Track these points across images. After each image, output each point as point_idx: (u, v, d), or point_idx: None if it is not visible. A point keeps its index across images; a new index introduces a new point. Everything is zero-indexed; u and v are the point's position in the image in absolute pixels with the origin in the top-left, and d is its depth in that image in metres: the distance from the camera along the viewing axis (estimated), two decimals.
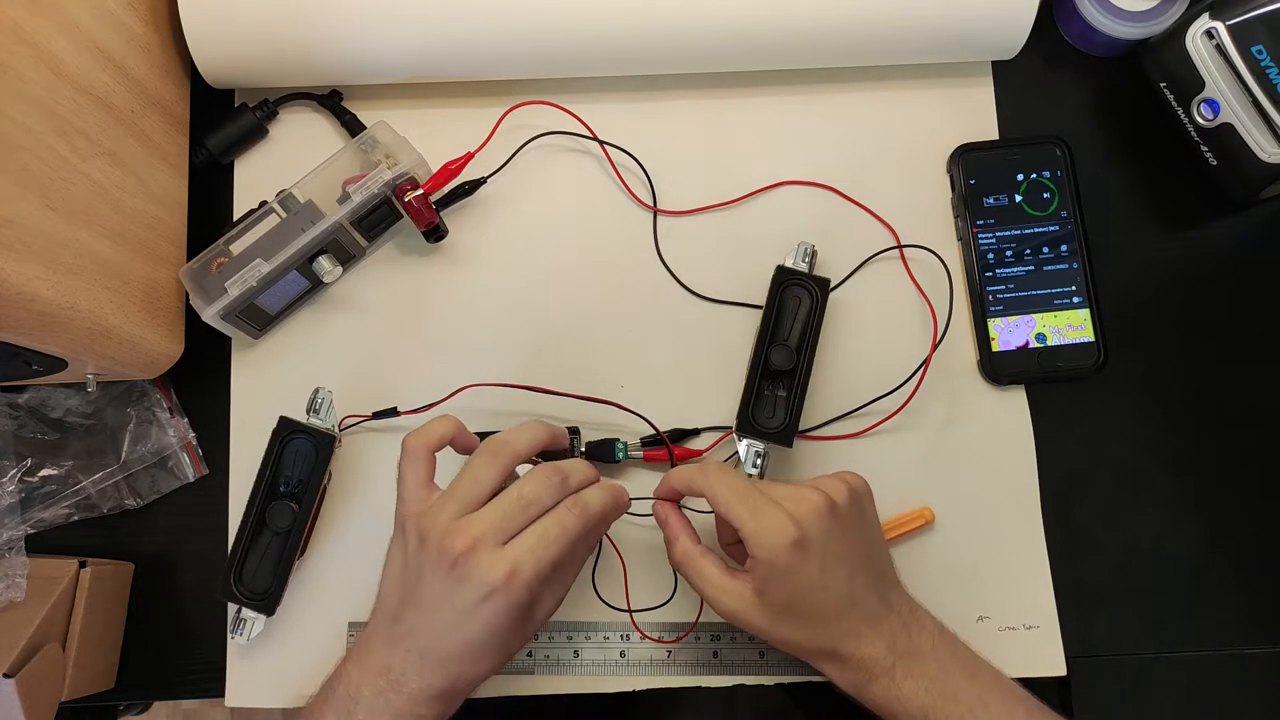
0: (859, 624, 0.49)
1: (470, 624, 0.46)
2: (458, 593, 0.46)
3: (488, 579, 0.45)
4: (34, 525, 0.57)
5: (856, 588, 0.49)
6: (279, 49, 0.58)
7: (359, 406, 0.59)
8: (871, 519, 0.52)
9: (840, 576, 0.48)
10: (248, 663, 0.58)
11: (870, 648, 0.49)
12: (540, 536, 0.47)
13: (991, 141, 0.63)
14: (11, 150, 0.45)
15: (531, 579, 0.46)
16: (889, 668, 0.49)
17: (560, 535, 0.47)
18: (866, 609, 0.49)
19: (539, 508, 0.47)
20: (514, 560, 0.46)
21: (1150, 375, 0.61)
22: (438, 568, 0.46)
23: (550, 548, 0.46)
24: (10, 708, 0.50)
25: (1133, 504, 0.59)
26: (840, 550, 0.48)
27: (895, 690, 0.48)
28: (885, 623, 0.49)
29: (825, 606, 0.48)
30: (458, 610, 0.46)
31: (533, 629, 0.49)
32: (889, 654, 0.49)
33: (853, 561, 0.49)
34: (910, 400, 0.58)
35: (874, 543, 0.52)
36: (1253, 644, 0.58)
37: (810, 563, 0.47)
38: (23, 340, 0.47)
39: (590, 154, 0.63)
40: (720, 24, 0.58)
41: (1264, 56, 0.54)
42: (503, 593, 0.45)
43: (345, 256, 0.60)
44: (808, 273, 0.58)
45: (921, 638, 0.50)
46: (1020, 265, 0.61)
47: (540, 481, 0.48)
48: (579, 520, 0.47)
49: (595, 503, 0.48)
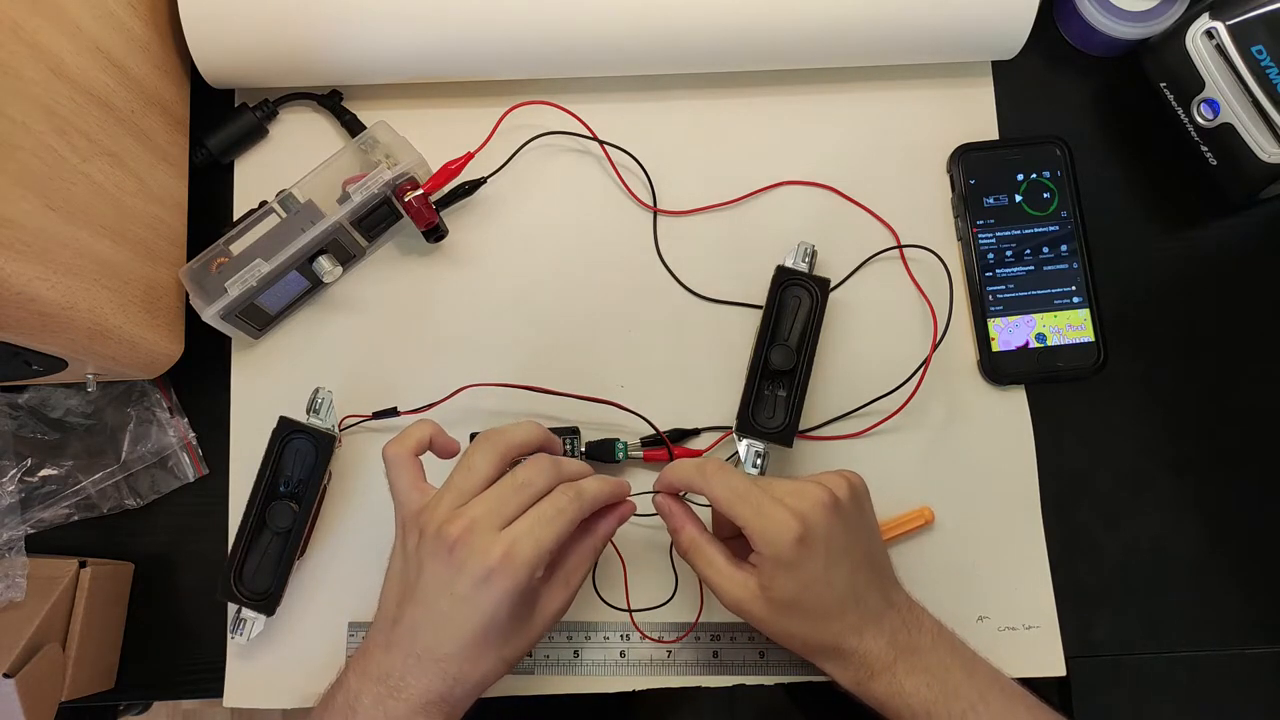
0: (861, 620, 0.49)
1: (469, 612, 0.46)
2: (457, 579, 0.46)
3: (486, 561, 0.45)
4: (34, 525, 0.57)
5: (859, 583, 0.49)
6: (279, 49, 0.58)
7: (359, 406, 0.59)
8: (870, 516, 0.52)
9: (843, 572, 0.48)
10: (247, 663, 0.58)
11: (872, 643, 0.49)
12: (537, 518, 0.47)
13: (991, 141, 0.63)
14: (11, 150, 0.45)
15: (530, 559, 0.46)
16: (890, 664, 0.49)
17: (556, 516, 0.47)
18: (868, 605, 0.49)
19: (534, 490, 0.48)
20: (511, 539, 0.46)
21: (1150, 375, 0.61)
22: (436, 555, 0.46)
23: (548, 528, 0.46)
24: (10, 708, 0.50)
25: (1133, 504, 0.59)
26: (843, 545, 0.49)
27: (897, 686, 0.48)
28: (887, 619, 0.49)
29: (828, 602, 0.48)
30: (456, 598, 0.46)
31: (535, 632, 0.49)
32: (890, 650, 0.49)
33: (855, 557, 0.49)
34: (910, 400, 0.58)
35: (874, 539, 0.52)
36: (1253, 644, 0.58)
37: (815, 558, 0.47)
38: (23, 340, 0.47)
39: (590, 154, 0.63)
40: (720, 24, 0.58)
41: (1264, 56, 0.54)
42: (501, 573, 0.45)
43: (345, 256, 0.60)
44: (808, 273, 0.58)
45: (921, 634, 0.50)
46: (1020, 265, 0.61)
47: (535, 466, 0.48)
48: (575, 503, 0.48)
49: (591, 488, 0.49)
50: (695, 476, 0.50)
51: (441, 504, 0.48)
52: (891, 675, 0.49)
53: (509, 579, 0.45)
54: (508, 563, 0.45)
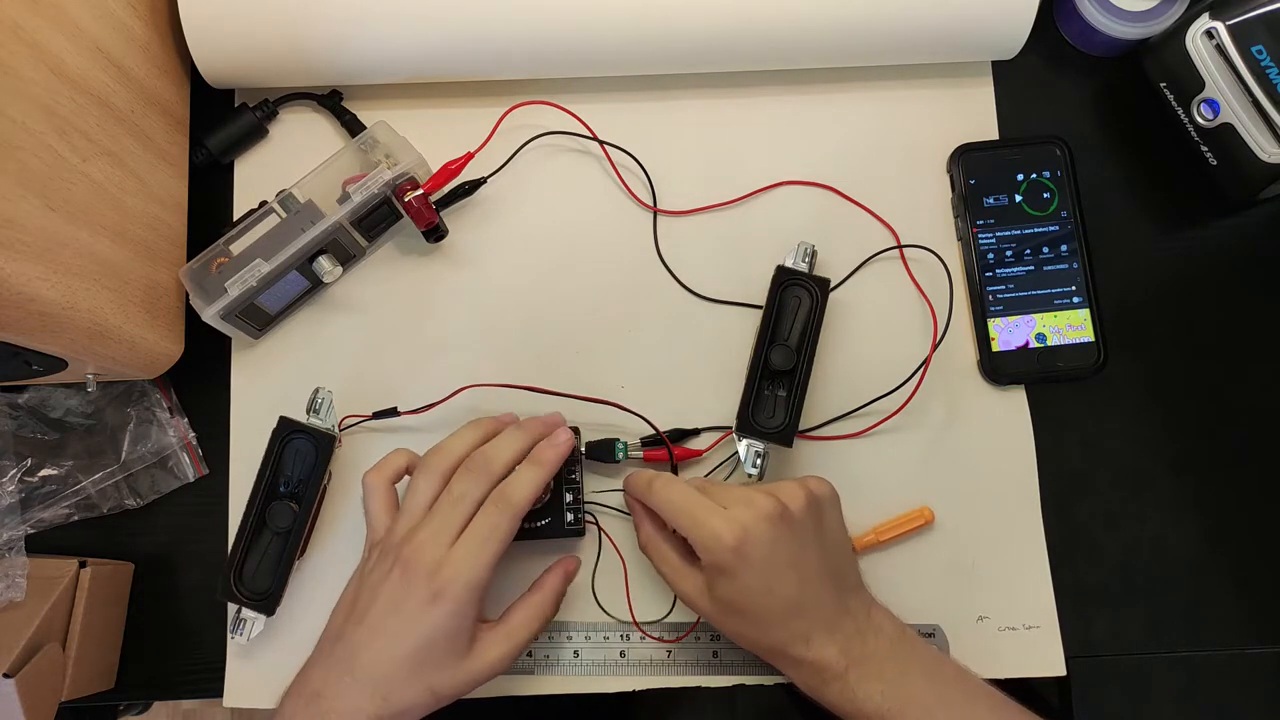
0: (809, 628, 0.49)
1: (412, 630, 0.48)
2: (406, 599, 0.49)
3: (431, 582, 0.48)
4: (34, 525, 0.57)
5: (807, 594, 0.49)
6: (279, 49, 0.58)
7: (359, 406, 0.59)
8: (832, 524, 0.52)
9: (788, 582, 0.49)
10: (248, 663, 0.58)
11: (822, 651, 0.49)
12: (472, 537, 0.50)
13: (991, 141, 0.63)
14: (11, 150, 0.45)
15: (470, 579, 0.48)
16: (842, 671, 0.49)
17: (491, 533, 0.49)
18: (818, 614, 0.50)
19: (471, 501, 0.50)
20: (452, 562, 0.49)
21: (1150, 375, 0.61)
22: (389, 577, 0.49)
23: (484, 547, 0.49)
24: (10, 708, 0.50)
25: (1133, 504, 0.59)
26: (789, 555, 0.49)
27: (849, 694, 0.49)
28: (840, 627, 0.50)
29: (771, 609, 0.49)
30: (403, 616, 0.48)
31: (469, 674, 0.49)
32: (842, 658, 0.49)
33: (805, 567, 0.50)
34: (910, 400, 0.58)
35: (833, 548, 0.52)
36: (1253, 644, 0.58)
37: (752, 568, 0.48)
38: (23, 340, 0.47)
39: (590, 154, 0.63)
40: (720, 24, 0.58)
41: (1264, 56, 0.54)
42: (443, 595, 0.48)
43: (345, 256, 0.60)
44: (808, 273, 0.58)
45: (879, 640, 0.50)
46: (1020, 265, 0.61)
47: (466, 478, 0.51)
48: (505, 515, 0.50)
49: (518, 493, 0.51)
50: (643, 489, 0.53)
51: (397, 528, 0.51)
52: (844, 683, 0.49)
53: (450, 600, 0.48)
54: (449, 584, 0.48)
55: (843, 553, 0.53)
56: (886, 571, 0.58)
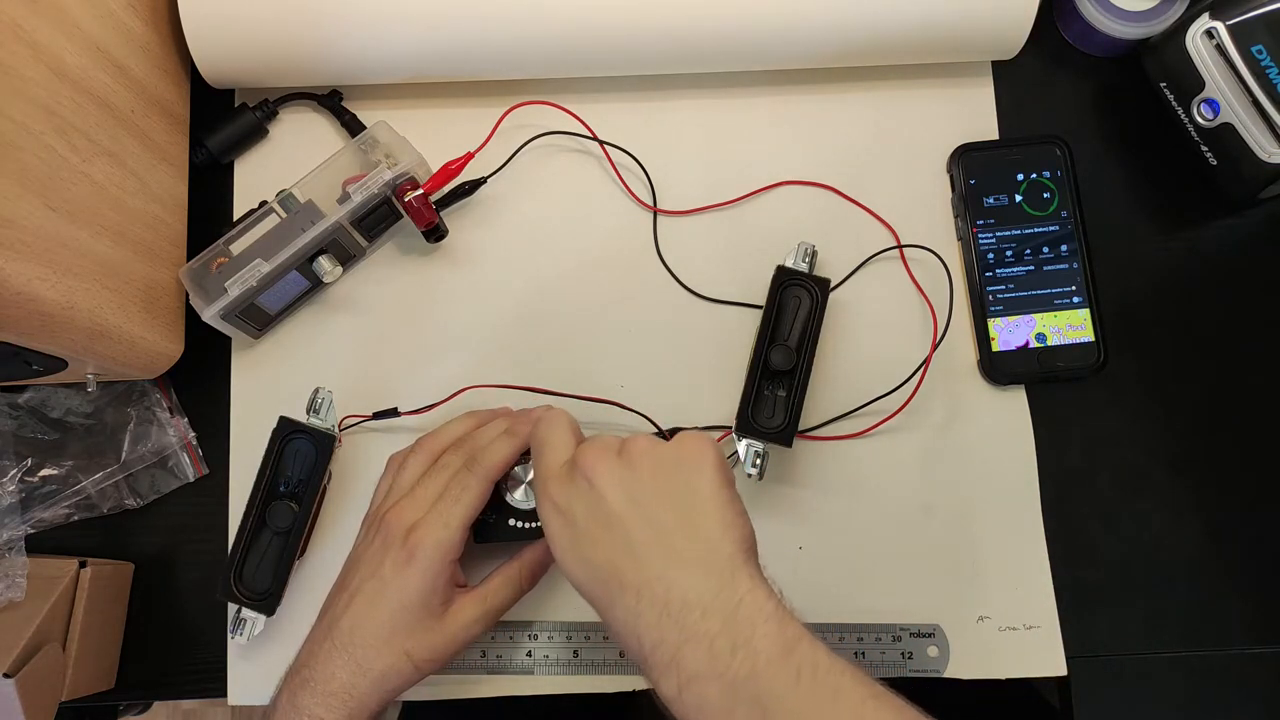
0: (637, 601, 0.43)
1: (388, 593, 0.49)
2: (383, 562, 0.50)
3: (406, 542, 0.49)
4: (34, 525, 0.57)
5: (639, 550, 0.44)
6: (279, 49, 0.58)
7: (359, 406, 0.59)
8: (698, 485, 0.45)
9: (615, 525, 0.44)
10: (248, 663, 0.58)
11: (649, 634, 0.42)
12: (444, 497, 0.50)
13: (991, 141, 0.63)
14: (11, 150, 0.45)
15: (441, 537, 0.49)
16: (667, 668, 0.42)
17: (461, 493, 0.50)
18: (650, 586, 0.43)
19: (451, 470, 0.52)
20: (426, 523, 0.50)
21: (1150, 375, 0.61)
22: (371, 543, 0.51)
23: (455, 506, 0.50)
24: (10, 708, 0.50)
25: (1133, 504, 0.59)
26: (626, 496, 0.45)
27: (698, 698, 0.41)
28: (678, 618, 0.42)
29: (593, 560, 0.45)
30: (380, 579, 0.49)
31: (444, 638, 0.49)
32: (670, 656, 0.42)
33: (640, 516, 0.44)
34: (910, 400, 0.58)
35: (688, 510, 0.45)
36: (1253, 644, 0.58)
37: (577, 498, 0.46)
38: (23, 340, 0.47)
39: (590, 154, 0.63)
40: (720, 24, 0.58)
41: (1264, 56, 0.54)
42: (417, 555, 0.49)
43: (345, 256, 0.60)
44: (808, 273, 0.58)
45: (743, 660, 0.41)
46: (1020, 265, 0.61)
47: (451, 454, 0.53)
48: (474, 475, 0.51)
49: (488, 457, 0.51)
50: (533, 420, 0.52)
51: (385, 502, 0.53)
52: (670, 686, 0.42)
53: (421, 559, 0.49)
54: (419, 543, 0.49)
55: (710, 522, 0.44)
56: (886, 571, 0.58)
